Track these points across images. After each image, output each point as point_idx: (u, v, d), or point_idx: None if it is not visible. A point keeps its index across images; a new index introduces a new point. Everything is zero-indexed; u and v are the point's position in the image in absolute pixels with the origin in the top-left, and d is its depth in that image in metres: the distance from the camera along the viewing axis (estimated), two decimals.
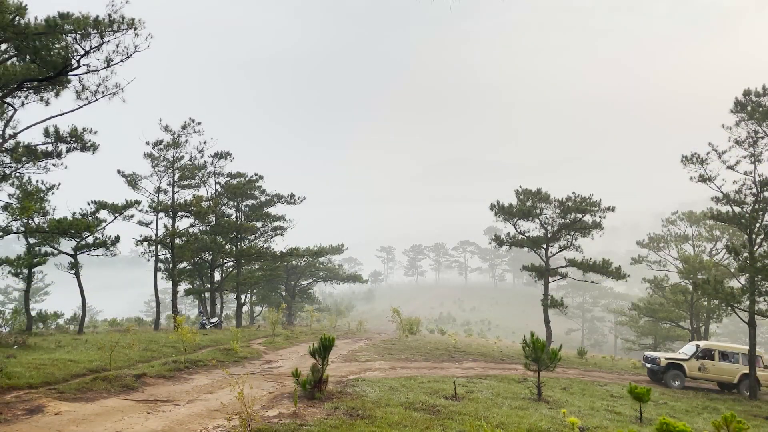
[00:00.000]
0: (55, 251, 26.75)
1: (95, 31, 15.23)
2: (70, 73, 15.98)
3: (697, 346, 22.68)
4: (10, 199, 24.33)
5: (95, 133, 21.94)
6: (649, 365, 22.67)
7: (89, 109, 17.59)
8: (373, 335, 37.06)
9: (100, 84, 16.66)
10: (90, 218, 26.72)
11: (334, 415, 10.11)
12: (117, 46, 15.76)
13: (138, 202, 30.20)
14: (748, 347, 22.85)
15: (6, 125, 19.94)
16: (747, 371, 21.39)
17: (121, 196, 29.59)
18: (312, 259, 49.34)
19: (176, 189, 33.40)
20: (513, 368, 22.41)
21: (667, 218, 44.39)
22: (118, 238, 27.58)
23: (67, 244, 26.97)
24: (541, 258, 31.60)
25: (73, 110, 17.30)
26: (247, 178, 39.85)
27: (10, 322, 28.70)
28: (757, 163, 22.01)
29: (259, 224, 41.58)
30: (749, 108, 21.67)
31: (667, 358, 22.05)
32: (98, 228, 26.84)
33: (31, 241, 25.61)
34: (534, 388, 14.84)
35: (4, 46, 15.84)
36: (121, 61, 16.08)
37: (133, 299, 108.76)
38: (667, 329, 41.93)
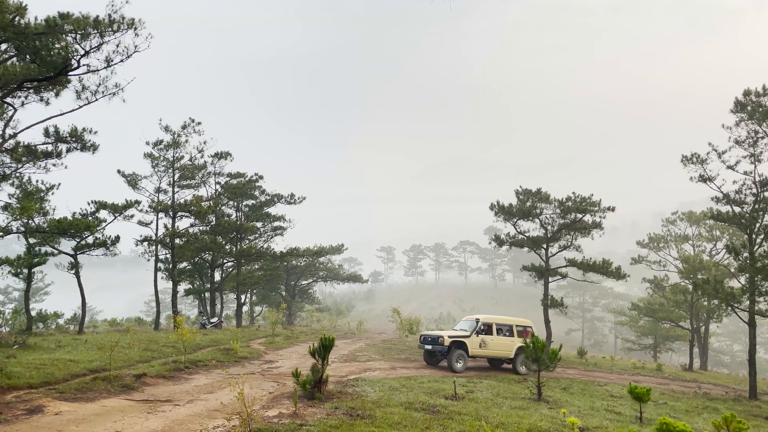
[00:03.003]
0: (55, 251, 26.74)
1: (95, 31, 15.22)
2: (70, 73, 15.96)
3: (477, 321, 20.80)
4: (10, 199, 24.36)
5: (95, 133, 21.92)
6: (429, 346, 19.98)
7: (89, 109, 17.60)
8: (373, 335, 37.06)
9: (100, 84, 16.64)
10: (90, 218, 26.71)
11: (334, 415, 10.11)
12: (117, 46, 15.75)
13: (138, 202, 30.19)
14: (518, 319, 22.48)
15: (6, 125, 19.93)
16: (522, 345, 20.17)
17: (121, 196, 29.65)
18: (312, 259, 49.33)
19: (176, 189, 33.41)
20: None
21: (667, 218, 44.44)
22: (118, 238, 27.57)
23: (67, 244, 26.96)
24: (541, 258, 31.61)
25: (73, 110, 17.29)
26: (247, 178, 39.85)
27: (10, 322, 28.70)
28: (757, 163, 22.03)
29: (259, 224, 41.58)
30: (749, 108, 21.69)
31: (450, 337, 19.61)
32: (98, 228, 26.82)
33: (31, 241, 25.59)
34: (534, 388, 14.84)
35: (4, 46, 15.83)
36: (121, 61, 16.07)
37: (133, 299, 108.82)
38: (667, 329, 41.96)
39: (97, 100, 17.00)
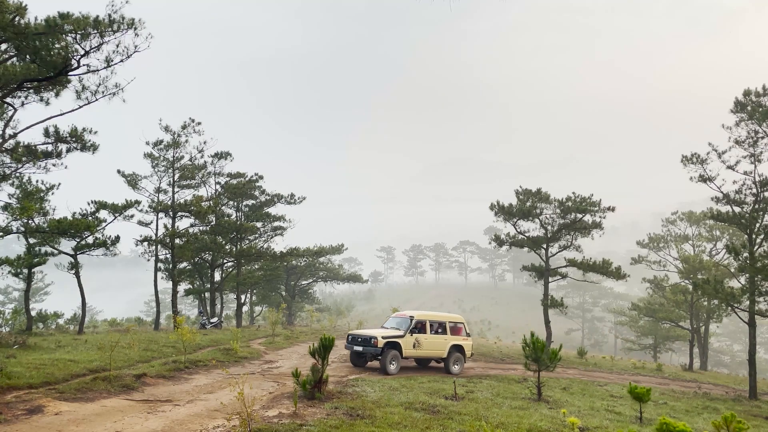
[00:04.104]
0: (55, 251, 26.73)
1: (95, 31, 15.21)
2: (70, 73, 15.95)
3: (411, 318, 18.84)
4: (10, 199, 24.33)
5: (95, 133, 21.90)
6: (359, 348, 18.04)
7: (89, 109, 17.59)
8: None
9: (100, 84, 16.62)
10: (90, 218, 26.69)
11: (334, 415, 10.11)
12: (117, 46, 15.74)
13: (138, 202, 30.17)
14: (450, 315, 21.01)
15: (6, 125, 19.92)
16: (455, 342, 19.38)
17: (121, 196, 29.60)
18: (312, 259, 49.31)
19: (176, 189, 33.39)
20: (513, 368, 22.41)
21: (667, 218, 44.45)
22: (118, 238, 27.55)
23: (67, 244, 26.95)
24: (541, 258, 31.62)
25: (73, 110, 17.28)
26: (247, 178, 39.84)
27: (10, 322, 28.69)
28: (757, 163, 22.05)
29: (259, 224, 41.56)
30: (749, 108, 21.70)
31: (384, 337, 17.69)
32: (98, 228, 26.80)
33: (31, 241, 25.58)
34: (534, 388, 14.84)
35: (4, 46, 15.82)
36: (121, 61, 16.06)
37: (133, 299, 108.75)
38: (667, 329, 41.97)
39: (97, 100, 16.99)
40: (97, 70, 16.15)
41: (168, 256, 33.80)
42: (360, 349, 18.01)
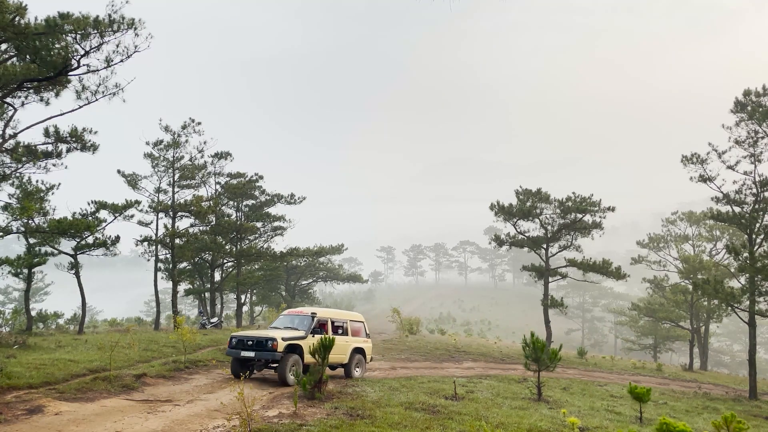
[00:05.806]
0: (55, 251, 26.73)
1: (95, 31, 15.24)
2: (70, 73, 15.97)
3: (313, 316, 15.46)
4: (10, 199, 24.34)
5: (95, 133, 21.90)
6: (249, 353, 14.06)
7: (89, 109, 17.60)
8: (372, 335, 37.01)
9: (100, 84, 16.65)
10: (90, 218, 26.69)
11: (334, 415, 10.11)
12: (117, 46, 15.79)
13: (138, 202, 30.16)
14: (351, 312, 18.12)
15: (6, 125, 19.92)
16: (357, 345, 16.36)
17: (121, 196, 29.56)
18: (312, 259, 49.36)
19: (176, 189, 33.36)
20: (513, 368, 22.42)
21: (667, 218, 44.50)
22: (118, 238, 27.54)
23: (67, 244, 26.94)
24: (541, 258, 31.64)
25: (73, 110, 17.30)
26: (247, 178, 39.84)
27: (10, 322, 28.68)
28: (757, 163, 22.08)
29: (259, 224, 41.58)
30: (749, 108, 21.72)
31: (285, 339, 14.09)
32: (98, 228, 26.79)
33: (31, 241, 25.57)
34: (534, 388, 14.85)
35: (4, 46, 15.83)
36: (121, 61, 16.09)
37: (133, 299, 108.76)
38: (667, 329, 42.00)
39: (97, 100, 17.01)
40: (97, 70, 16.19)
41: (168, 256, 33.80)
42: (251, 354, 14.06)
